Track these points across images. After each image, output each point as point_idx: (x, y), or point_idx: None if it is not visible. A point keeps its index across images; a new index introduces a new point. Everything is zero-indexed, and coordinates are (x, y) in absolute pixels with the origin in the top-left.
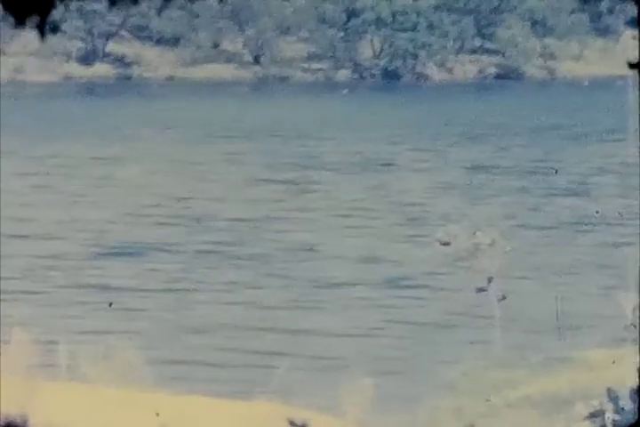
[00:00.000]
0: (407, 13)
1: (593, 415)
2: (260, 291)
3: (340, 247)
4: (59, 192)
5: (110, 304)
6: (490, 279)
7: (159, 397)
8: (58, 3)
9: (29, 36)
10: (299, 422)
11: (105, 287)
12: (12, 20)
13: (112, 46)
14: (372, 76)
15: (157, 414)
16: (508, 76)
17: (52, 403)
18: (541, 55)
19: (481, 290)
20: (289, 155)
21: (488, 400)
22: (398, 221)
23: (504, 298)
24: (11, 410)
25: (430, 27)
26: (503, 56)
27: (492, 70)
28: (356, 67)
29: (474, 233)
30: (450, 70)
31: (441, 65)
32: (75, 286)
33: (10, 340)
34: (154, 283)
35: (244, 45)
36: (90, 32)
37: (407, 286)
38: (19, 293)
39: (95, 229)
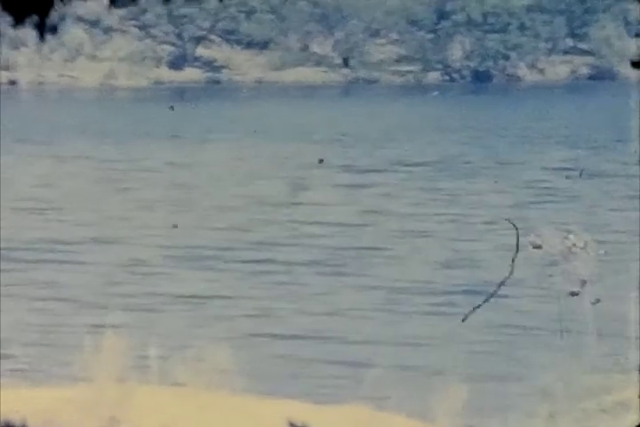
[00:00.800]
0: (498, 14)
1: None
2: (339, 298)
3: (422, 252)
4: (133, 197)
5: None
6: (583, 283)
7: (249, 401)
8: (57, 2)
9: (120, 41)
10: (299, 422)
11: (184, 294)
12: (10, 19)
13: (202, 50)
14: (463, 77)
15: (246, 418)
16: (601, 76)
17: (144, 407)
18: (636, 55)
19: (574, 294)
20: (373, 158)
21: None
22: (481, 224)
23: (598, 302)
24: (106, 414)
25: (522, 27)
26: (596, 56)
27: (585, 71)
28: (446, 69)
29: (566, 236)
30: (541, 71)
31: (532, 66)
32: (156, 292)
33: (101, 345)
34: (230, 290)
35: (334, 48)
36: (180, 36)
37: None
38: (104, 298)
39: (170, 235)
